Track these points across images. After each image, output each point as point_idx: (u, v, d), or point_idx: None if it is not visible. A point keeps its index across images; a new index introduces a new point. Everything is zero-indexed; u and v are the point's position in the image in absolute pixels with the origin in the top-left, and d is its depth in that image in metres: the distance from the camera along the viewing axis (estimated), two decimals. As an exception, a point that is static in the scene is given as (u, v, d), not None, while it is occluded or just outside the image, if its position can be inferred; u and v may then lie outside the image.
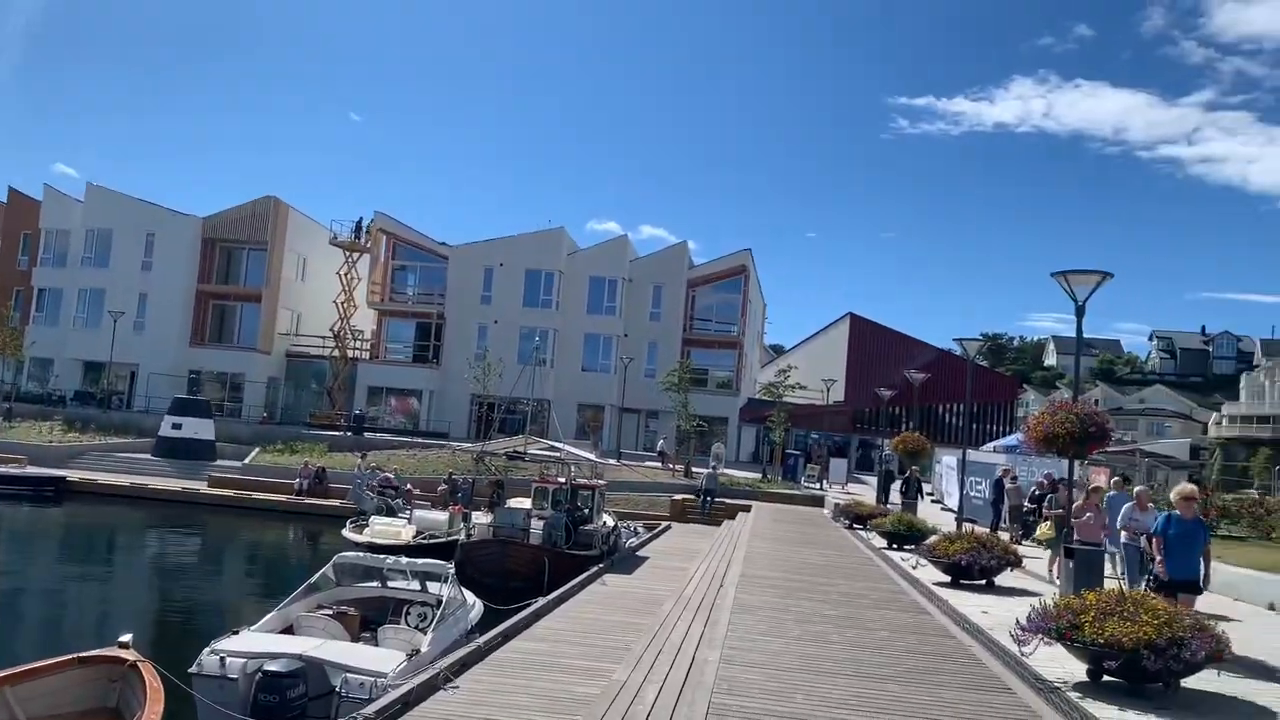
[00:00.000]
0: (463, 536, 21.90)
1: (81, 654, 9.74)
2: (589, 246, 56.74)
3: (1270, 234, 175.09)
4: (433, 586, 14.25)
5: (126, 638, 9.93)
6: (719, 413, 53.10)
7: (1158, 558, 10.49)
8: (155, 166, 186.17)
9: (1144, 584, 12.41)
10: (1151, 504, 13.76)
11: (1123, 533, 13.37)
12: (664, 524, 29.77)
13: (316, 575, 13.89)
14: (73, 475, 35.53)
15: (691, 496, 34.45)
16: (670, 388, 44.84)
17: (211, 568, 25.88)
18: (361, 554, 16.36)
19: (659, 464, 43.39)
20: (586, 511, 22.53)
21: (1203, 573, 10.49)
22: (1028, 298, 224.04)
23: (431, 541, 23.65)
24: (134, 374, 51.71)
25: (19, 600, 19.09)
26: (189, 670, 10.27)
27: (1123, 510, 13.71)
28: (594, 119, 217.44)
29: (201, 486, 35.31)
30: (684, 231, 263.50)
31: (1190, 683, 8.46)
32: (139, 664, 9.46)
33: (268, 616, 12.41)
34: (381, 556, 15.28)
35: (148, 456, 39.79)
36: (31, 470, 35.39)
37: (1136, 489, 15.40)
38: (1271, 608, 14.27)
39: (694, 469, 39.74)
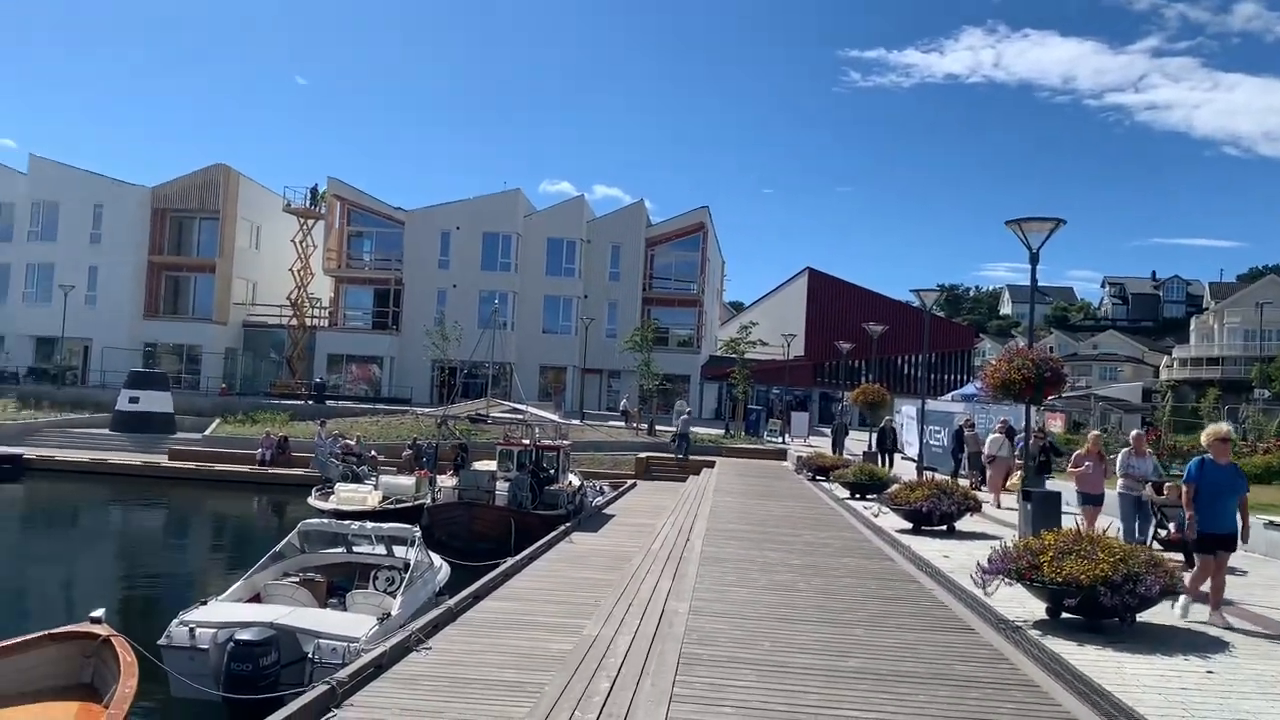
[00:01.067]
0: (429, 500, 21.88)
1: (53, 630, 9.59)
2: (545, 208, 56.38)
3: (1216, 179, 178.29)
4: (399, 550, 14.20)
5: (98, 613, 9.82)
6: (681, 370, 53.35)
7: (1189, 512, 9.01)
8: (98, 137, 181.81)
9: (1150, 539, 12.24)
10: (1149, 449, 13.04)
11: (1120, 481, 12.69)
12: (629, 482, 29.91)
13: (281, 543, 13.79)
14: (30, 453, 34.92)
15: (656, 454, 34.73)
16: (633, 347, 44.89)
17: (176, 540, 25.66)
18: (326, 520, 16.28)
19: (623, 423, 43.57)
20: (552, 472, 22.57)
21: (1240, 526, 8.99)
22: (982, 248, 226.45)
23: (398, 506, 23.55)
24: (87, 348, 50.95)
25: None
26: (158, 643, 10.16)
27: (1119, 456, 13.13)
28: (546, 79, 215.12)
29: (162, 460, 34.90)
30: (639, 191, 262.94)
31: (1145, 617, 8.71)
32: (111, 639, 9.33)
33: (235, 586, 12.32)
34: (346, 522, 15.22)
35: (105, 431, 39.20)
36: (-13, 448, 34.70)
37: (1133, 433, 14.84)
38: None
39: (657, 427, 39.98)
